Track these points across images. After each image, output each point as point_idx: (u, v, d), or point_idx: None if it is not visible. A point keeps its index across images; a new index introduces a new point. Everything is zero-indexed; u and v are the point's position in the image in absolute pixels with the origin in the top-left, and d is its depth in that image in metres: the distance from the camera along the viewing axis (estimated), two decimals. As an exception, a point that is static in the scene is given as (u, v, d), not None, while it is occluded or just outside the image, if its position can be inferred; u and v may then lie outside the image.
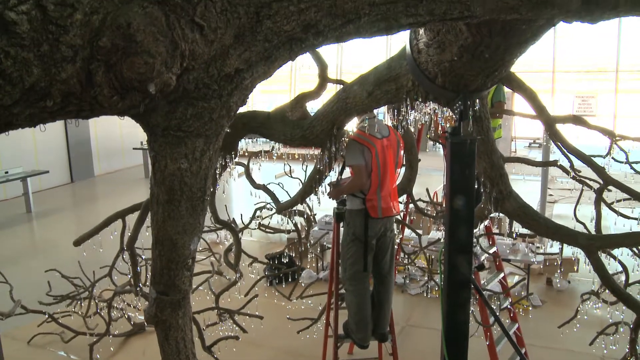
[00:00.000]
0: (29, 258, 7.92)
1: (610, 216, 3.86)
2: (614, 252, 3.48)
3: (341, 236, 4.26)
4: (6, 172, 10.22)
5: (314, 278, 6.40)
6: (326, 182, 3.67)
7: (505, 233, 5.64)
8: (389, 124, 4.15)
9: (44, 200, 11.26)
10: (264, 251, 7.35)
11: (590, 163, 3.34)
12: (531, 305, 5.78)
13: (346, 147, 3.69)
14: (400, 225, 5.15)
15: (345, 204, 4.15)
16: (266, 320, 4.57)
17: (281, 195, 4.28)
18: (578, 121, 3.48)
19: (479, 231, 4.25)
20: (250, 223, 5.46)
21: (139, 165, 13.88)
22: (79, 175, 13.25)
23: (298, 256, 6.75)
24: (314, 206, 6.78)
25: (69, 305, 5.20)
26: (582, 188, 3.81)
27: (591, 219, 3.45)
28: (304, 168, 3.87)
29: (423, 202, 5.41)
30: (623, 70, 14.58)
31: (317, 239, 6.32)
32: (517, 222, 3.08)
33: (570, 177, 3.71)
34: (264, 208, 5.72)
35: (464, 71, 2.28)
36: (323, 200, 3.73)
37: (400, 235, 5.53)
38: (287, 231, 6.71)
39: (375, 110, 3.58)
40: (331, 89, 3.75)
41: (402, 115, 2.83)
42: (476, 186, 2.79)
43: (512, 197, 2.98)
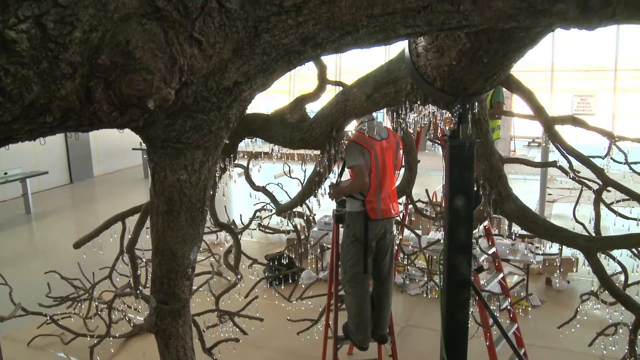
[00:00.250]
0: (29, 259, 7.91)
1: (609, 216, 3.86)
2: (613, 253, 3.48)
3: (341, 238, 4.26)
4: (5, 173, 10.20)
5: (314, 279, 6.40)
6: (326, 184, 3.67)
7: (504, 234, 5.63)
8: (388, 126, 4.14)
9: (43, 201, 11.25)
10: (264, 252, 7.35)
11: (589, 164, 3.34)
12: (531, 305, 5.78)
13: (346, 149, 3.69)
14: (399, 226, 5.15)
15: (344, 206, 4.15)
16: (266, 321, 4.57)
17: (280, 195, 4.28)
18: (577, 122, 3.47)
19: (478, 232, 4.26)
20: (249, 224, 5.46)
21: (138, 165, 13.87)
22: (78, 175, 13.23)
23: (298, 257, 6.75)
24: (314, 207, 6.79)
25: (69, 307, 5.20)
26: (582, 188, 3.81)
27: (590, 220, 3.45)
28: (303, 168, 3.87)
29: (422, 203, 5.42)
30: (622, 69, 14.56)
31: (317, 240, 6.32)
32: (516, 224, 3.08)
33: (569, 178, 3.70)
34: (263, 209, 5.73)
35: (463, 75, 2.28)
36: (322, 201, 3.73)
37: (399, 236, 5.53)
38: (287, 232, 6.72)
39: (374, 112, 3.58)
40: (330, 90, 3.75)
41: (401, 117, 2.84)
42: (475, 188, 2.80)
43: (511, 199, 2.98)
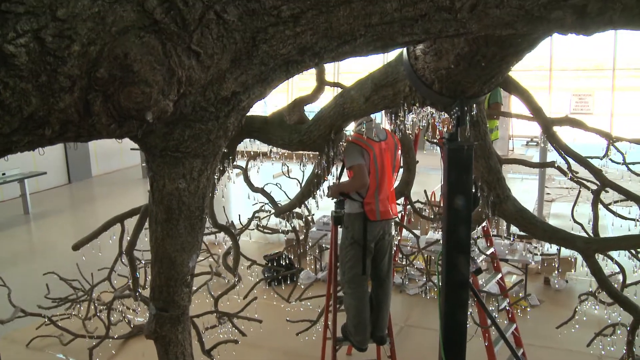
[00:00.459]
0: (27, 260, 7.91)
1: (608, 216, 3.87)
2: (612, 253, 3.48)
3: (339, 239, 4.27)
4: (3, 174, 10.17)
5: (313, 278, 6.40)
6: (324, 186, 3.67)
7: (502, 235, 5.65)
8: (387, 128, 4.15)
9: (42, 201, 11.23)
10: (262, 252, 7.34)
11: (587, 165, 3.35)
12: (529, 305, 5.79)
13: (345, 150, 3.69)
14: (398, 227, 5.15)
15: (343, 207, 4.15)
16: (265, 321, 4.57)
17: (279, 195, 4.27)
18: (575, 123, 3.47)
19: (477, 233, 4.26)
20: (248, 224, 5.45)
21: (137, 165, 13.84)
22: (77, 176, 13.21)
23: (297, 258, 6.75)
24: (313, 208, 6.78)
25: (68, 308, 5.20)
26: (580, 188, 3.82)
27: (589, 221, 3.45)
28: (302, 168, 3.87)
29: (421, 203, 5.42)
30: (620, 68, 14.56)
31: (316, 240, 6.32)
32: (515, 226, 3.09)
33: (567, 178, 3.71)
34: (262, 211, 5.71)
35: (461, 78, 2.28)
36: (321, 202, 3.73)
37: (398, 236, 5.53)
38: (286, 232, 6.70)
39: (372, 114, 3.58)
40: (329, 91, 3.75)
41: (400, 119, 2.84)
42: (473, 190, 2.81)
43: (510, 201, 2.99)
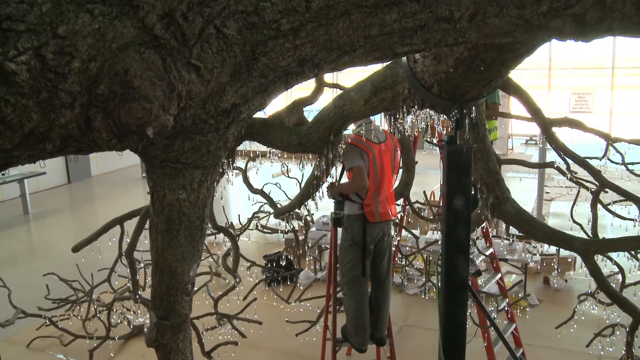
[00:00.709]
0: (27, 260, 7.91)
1: (607, 216, 3.88)
2: (611, 254, 3.49)
3: (339, 240, 4.27)
4: (3, 174, 10.14)
5: (312, 279, 6.41)
6: (324, 187, 3.67)
7: (502, 236, 5.65)
8: (386, 129, 4.15)
9: (41, 201, 11.23)
10: (262, 252, 7.35)
11: (586, 166, 3.36)
12: (529, 304, 5.80)
13: (344, 152, 3.69)
14: (397, 227, 5.16)
15: (342, 208, 4.16)
16: (265, 322, 4.58)
17: (279, 195, 4.28)
18: (574, 124, 3.48)
19: (476, 234, 4.27)
20: (248, 225, 5.46)
21: (136, 165, 13.84)
22: (76, 176, 13.21)
23: (296, 259, 6.75)
24: (312, 209, 6.78)
25: (69, 310, 5.20)
26: (579, 189, 3.83)
27: (588, 221, 3.46)
28: (301, 168, 3.88)
29: (420, 204, 5.43)
30: (619, 66, 14.54)
31: (315, 241, 6.32)
32: (514, 227, 3.10)
33: (567, 179, 3.72)
34: (261, 212, 5.72)
35: (460, 82, 2.29)
36: (321, 203, 3.74)
37: (397, 237, 5.54)
38: (285, 232, 6.71)
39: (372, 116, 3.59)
40: (328, 92, 3.75)
41: (399, 121, 2.84)
42: (472, 192, 2.81)
43: (509, 203, 2.99)
